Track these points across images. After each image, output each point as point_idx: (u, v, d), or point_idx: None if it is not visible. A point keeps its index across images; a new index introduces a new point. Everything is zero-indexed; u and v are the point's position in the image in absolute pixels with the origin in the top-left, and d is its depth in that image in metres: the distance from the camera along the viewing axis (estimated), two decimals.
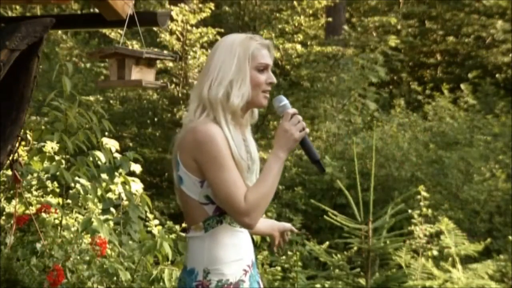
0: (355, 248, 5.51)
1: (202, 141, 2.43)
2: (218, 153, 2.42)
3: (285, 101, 2.54)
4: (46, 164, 4.84)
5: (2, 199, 4.74)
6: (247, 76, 2.51)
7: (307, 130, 2.50)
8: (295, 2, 11.98)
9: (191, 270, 2.50)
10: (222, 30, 11.30)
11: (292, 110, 2.50)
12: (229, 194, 2.40)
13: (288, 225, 2.99)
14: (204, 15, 10.96)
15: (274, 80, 2.56)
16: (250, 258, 2.60)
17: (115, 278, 4.38)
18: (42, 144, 4.90)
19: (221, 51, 2.55)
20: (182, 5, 10.70)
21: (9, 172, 4.43)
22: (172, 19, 10.24)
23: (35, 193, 5.04)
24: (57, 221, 4.71)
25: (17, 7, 13.09)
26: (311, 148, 2.51)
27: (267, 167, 2.47)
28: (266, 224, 2.98)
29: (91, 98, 11.00)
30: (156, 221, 5.29)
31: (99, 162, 4.83)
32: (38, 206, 4.76)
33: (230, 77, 2.50)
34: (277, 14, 11.74)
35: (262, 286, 2.69)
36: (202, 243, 2.49)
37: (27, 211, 4.53)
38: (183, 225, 5.07)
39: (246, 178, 2.49)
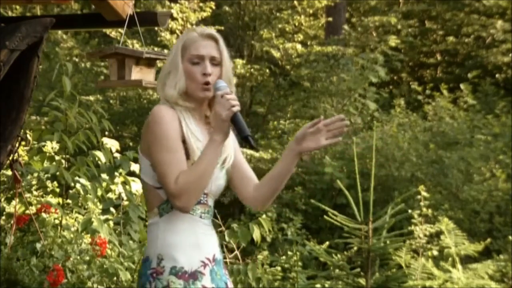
0: (355, 248, 5.50)
1: (152, 120, 2.45)
2: (162, 133, 2.42)
3: (220, 84, 2.51)
4: (46, 164, 4.84)
5: (2, 199, 4.74)
6: (179, 67, 2.52)
7: (238, 108, 2.43)
8: (295, 2, 11.98)
9: (146, 258, 2.47)
10: (222, 29, 11.31)
11: (221, 91, 2.46)
12: (163, 174, 2.40)
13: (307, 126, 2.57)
14: (204, 14, 10.97)
15: (208, 70, 2.52)
16: (211, 252, 2.51)
17: (115, 278, 4.38)
18: (42, 144, 4.90)
19: (173, 47, 2.62)
20: (183, 1, 10.70)
21: (9, 172, 4.43)
22: (172, 18, 10.24)
23: (35, 193, 5.04)
24: (57, 221, 4.71)
25: (17, 7, 13.08)
26: (241, 125, 2.44)
27: (203, 151, 2.45)
28: (283, 160, 2.62)
29: (91, 98, 11.00)
30: None
31: (99, 162, 4.83)
32: (38, 206, 4.76)
33: (167, 70, 2.54)
34: (277, 14, 11.74)
35: None
36: (157, 229, 2.46)
37: (27, 211, 4.53)
38: None
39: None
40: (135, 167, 5.05)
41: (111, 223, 4.93)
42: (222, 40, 2.61)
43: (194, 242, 2.46)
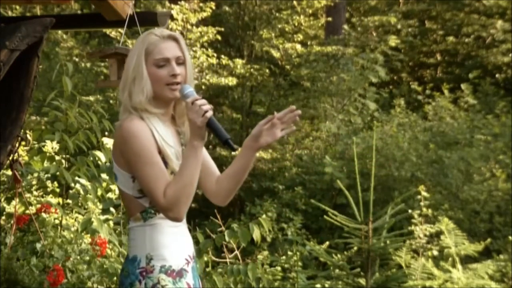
0: (355, 248, 5.50)
1: (126, 136, 2.46)
2: (141, 149, 2.44)
3: (187, 90, 2.51)
4: (46, 164, 4.84)
5: (2, 199, 4.74)
6: (143, 72, 2.50)
7: (210, 112, 2.44)
8: (295, 2, 11.98)
9: (133, 258, 2.52)
10: (222, 29, 11.31)
11: (191, 98, 2.46)
12: (150, 189, 2.44)
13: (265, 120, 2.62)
14: (204, 14, 10.97)
15: (176, 71, 2.52)
16: (191, 249, 2.61)
17: (115, 278, 4.38)
18: (42, 144, 4.90)
19: (130, 53, 2.58)
20: (183, 2, 10.70)
21: (9, 172, 4.43)
22: (172, 18, 10.24)
23: (35, 193, 5.04)
24: (57, 221, 4.71)
25: (17, 7, 13.09)
26: (218, 130, 2.46)
27: (184, 158, 2.47)
28: (241, 152, 2.68)
29: (91, 98, 11.00)
30: None
31: (99, 162, 4.83)
32: (38, 206, 4.76)
33: (131, 76, 2.52)
34: (277, 14, 11.74)
35: (201, 285, 2.69)
36: (143, 231, 2.52)
37: (27, 211, 4.53)
38: None
39: (178, 166, 2.49)
40: None
41: (111, 223, 4.93)
42: (183, 39, 2.61)
43: (178, 242, 2.55)
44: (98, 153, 4.83)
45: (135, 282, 2.49)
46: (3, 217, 4.72)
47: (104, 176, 4.84)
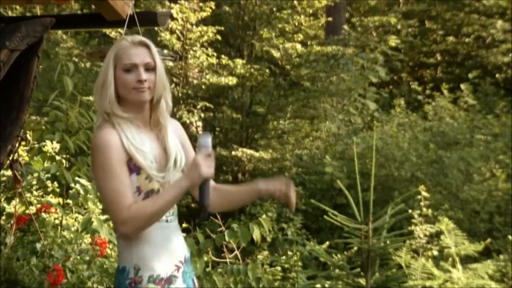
0: (355, 248, 5.50)
1: (94, 147, 2.49)
2: (105, 161, 2.45)
3: (209, 141, 2.53)
4: (46, 164, 4.84)
5: (2, 199, 4.74)
6: (108, 76, 2.53)
7: (212, 175, 2.48)
8: (295, 2, 11.98)
9: (122, 268, 2.53)
10: (222, 29, 11.31)
11: (211, 151, 2.50)
12: (111, 202, 2.43)
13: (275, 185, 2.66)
14: (204, 14, 10.97)
15: (142, 77, 2.53)
16: (182, 253, 2.60)
17: None
18: (43, 144, 4.90)
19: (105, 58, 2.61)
20: (182, 2, 10.70)
21: (9, 172, 4.43)
22: (172, 18, 10.24)
23: (35, 193, 5.04)
24: (57, 221, 4.71)
25: (17, 7, 13.09)
26: (207, 192, 2.50)
27: (167, 189, 2.49)
28: (244, 189, 2.73)
29: (91, 98, 10.99)
30: None
31: None
32: (38, 206, 4.76)
33: (101, 81, 2.55)
34: (277, 14, 11.74)
35: (197, 285, 2.70)
36: (129, 240, 2.50)
37: (27, 211, 4.53)
38: (184, 225, 5.08)
39: (154, 169, 2.50)
40: None
41: (111, 223, 4.93)
42: (154, 46, 2.63)
43: (167, 249, 2.54)
44: None
45: None
46: (3, 217, 4.72)
47: None
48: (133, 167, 2.49)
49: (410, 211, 6.22)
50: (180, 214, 2.74)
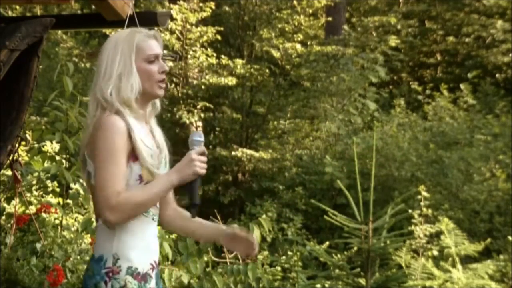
0: (355, 248, 5.50)
1: (102, 128, 2.43)
2: (112, 145, 2.41)
3: (202, 138, 2.53)
4: (46, 164, 4.84)
5: (2, 199, 4.73)
6: (133, 69, 2.50)
7: (204, 171, 2.47)
8: (295, 2, 11.98)
9: (99, 257, 2.46)
10: (222, 29, 11.31)
11: (203, 149, 2.49)
12: (105, 186, 2.38)
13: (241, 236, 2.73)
14: (204, 14, 10.97)
15: (166, 68, 2.55)
16: (156, 255, 2.57)
17: None
18: (43, 144, 4.90)
19: (107, 50, 2.55)
20: (182, 2, 10.70)
21: (9, 172, 4.43)
22: (172, 18, 10.24)
23: (35, 193, 5.04)
24: (57, 221, 4.71)
25: (17, 7, 13.09)
26: (196, 190, 2.49)
27: (156, 181, 2.46)
28: (211, 226, 2.75)
29: None
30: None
31: None
32: (38, 206, 4.76)
33: (117, 72, 2.50)
34: (277, 14, 11.74)
35: None
36: (112, 230, 2.45)
37: (27, 211, 4.53)
38: None
39: (154, 166, 2.49)
40: None
41: None
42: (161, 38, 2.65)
43: (146, 244, 2.51)
44: None
45: (100, 282, 2.42)
46: (3, 217, 4.72)
47: None
48: (135, 158, 2.47)
49: (410, 211, 6.22)
50: None
